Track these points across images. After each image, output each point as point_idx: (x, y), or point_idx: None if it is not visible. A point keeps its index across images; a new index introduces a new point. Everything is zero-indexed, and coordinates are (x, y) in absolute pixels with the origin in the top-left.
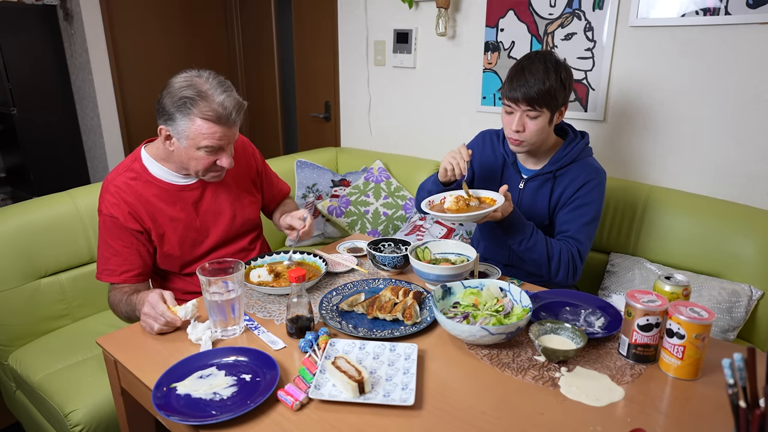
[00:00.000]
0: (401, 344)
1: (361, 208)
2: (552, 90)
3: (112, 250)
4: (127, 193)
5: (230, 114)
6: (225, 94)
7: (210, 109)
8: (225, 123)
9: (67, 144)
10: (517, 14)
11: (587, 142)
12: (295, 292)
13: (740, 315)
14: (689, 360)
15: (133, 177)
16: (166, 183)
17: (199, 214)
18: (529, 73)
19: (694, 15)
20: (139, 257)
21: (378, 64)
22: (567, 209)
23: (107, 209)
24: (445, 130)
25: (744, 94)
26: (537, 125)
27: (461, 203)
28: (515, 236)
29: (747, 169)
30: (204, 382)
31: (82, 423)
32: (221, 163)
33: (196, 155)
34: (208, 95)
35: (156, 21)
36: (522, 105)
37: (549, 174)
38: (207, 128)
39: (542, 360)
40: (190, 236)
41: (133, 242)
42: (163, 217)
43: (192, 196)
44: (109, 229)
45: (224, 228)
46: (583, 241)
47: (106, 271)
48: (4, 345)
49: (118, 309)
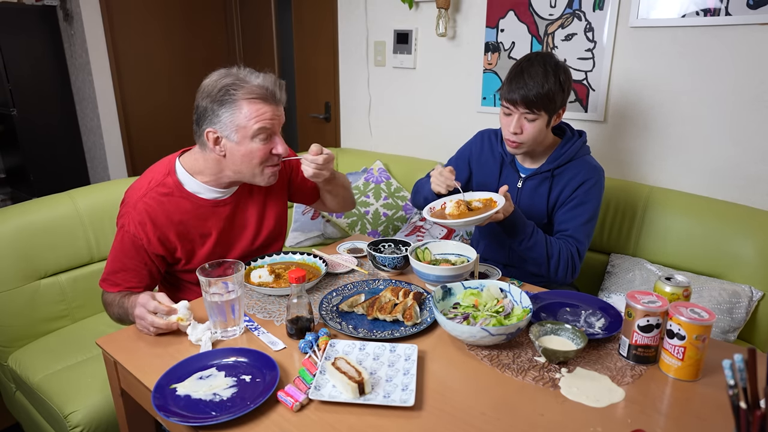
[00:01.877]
0: (401, 345)
1: (361, 208)
2: (550, 93)
3: (122, 264)
4: (157, 212)
5: (274, 91)
6: (262, 76)
7: (252, 90)
8: (272, 101)
9: (67, 145)
10: (517, 15)
11: (585, 141)
12: (295, 293)
13: (740, 316)
14: (690, 361)
15: (166, 193)
16: (201, 199)
17: (229, 228)
18: (528, 76)
19: (695, 15)
20: (149, 276)
21: (378, 64)
22: (565, 208)
23: (133, 228)
24: (445, 131)
25: (744, 94)
26: (534, 128)
27: (462, 207)
28: (516, 236)
29: (747, 170)
30: (204, 383)
31: (82, 424)
32: (276, 151)
33: (251, 148)
34: (246, 79)
35: (156, 22)
36: (520, 107)
37: (547, 173)
38: (256, 109)
39: (542, 361)
40: (218, 251)
41: (147, 263)
42: (194, 234)
43: (225, 211)
44: (126, 247)
45: (249, 240)
46: (582, 240)
47: (110, 281)
48: (4, 346)
49: (111, 309)
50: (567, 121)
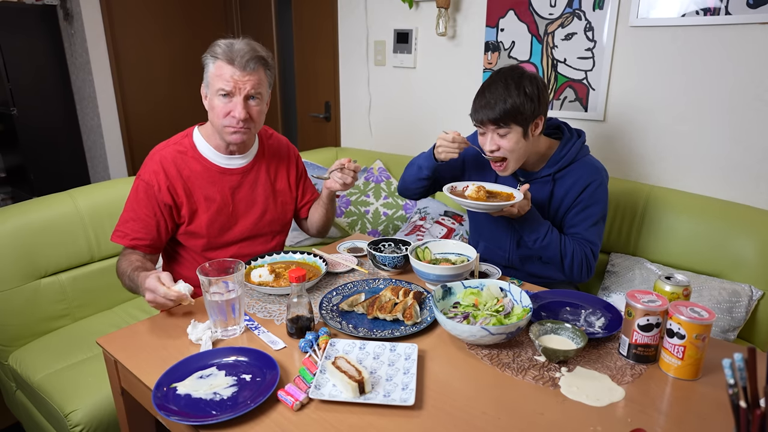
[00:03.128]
0: (401, 344)
1: (362, 208)
2: (515, 106)
3: (134, 214)
4: (170, 164)
5: (240, 55)
6: (242, 41)
7: (222, 51)
8: (233, 63)
9: (67, 144)
10: (517, 14)
11: (584, 141)
12: (295, 292)
13: (740, 315)
14: (689, 360)
15: (181, 150)
16: (210, 162)
17: (234, 201)
18: (490, 94)
19: (695, 15)
20: (156, 230)
21: (378, 64)
22: (573, 212)
23: (146, 175)
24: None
25: (744, 94)
26: (510, 142)
27: (482, 193)
28: (531, 234)
29: (747, 169)
30: (204, 382)
31: (82, 423)
32: (234, 113)
33: (214, 103)
34: (227, 42)
35: (156, 21)
36: (489, 125)
37: (548, 177)
38: (219, 68)
39: (542, 360)
40: (220, 220)
41: (157, 213)
42: (199, 194)
43: (231, 180)
44: (139, 195)
45: (254, 220)
46: (594, 241)
47: (120, 232)
48: (4, 345)
49: (123, 279)
50: (567, 120)
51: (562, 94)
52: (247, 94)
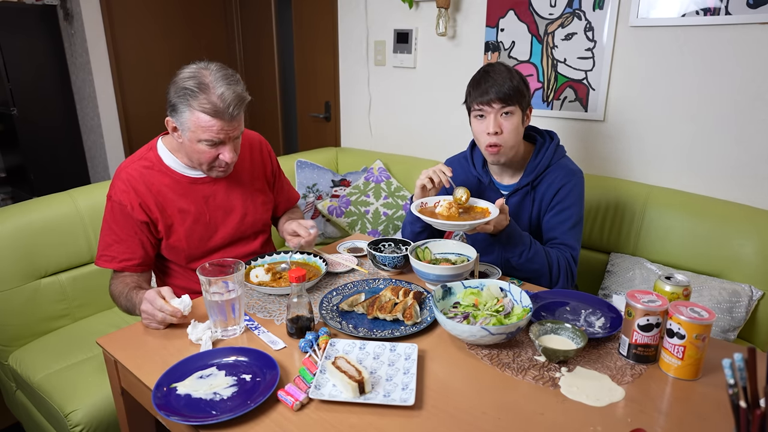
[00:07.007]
0: (401, 344)
1: (362, 208)
2: (520, 87)
3: (116, 236)
4: (138, 182)
5: (228, 107)
6: (226, 87)
7: (208, 102)
8: (223, 116)
9: (67, 144)
10: (517, 14)
11: (558, 143)
12: (295, 292)
13: (740, 315)
14: (689, 360)
15: (147, 166)
16: (178, 174)
17: (209, 209)
18: (495, 74)
19: (695, 15)
20: (141, 247)
21: (378, 64)
22: (550, 215)
23: (117, 195)
24: (445, 130)
25: (744, 94)
26: (512, 124)
27: (453, 210)
28: (514, 249)
29: (747, 169)
30: (204, 382)
31: (83, 423)
32: (223, 157)
33: (198, 148)
34: (208, 87)
35: (156, 21)
36: (495, 104)
37: (527, 186)
38: (205, 121)
39: (542, 360)
40: (198, 230)
41: (137, 232)
42: (172, 208)
43: (203, 189)
44: (115, 215)
45: (234, 225)
46: (573, 246)
47: (105, 257)
48: (4, 345)
49: (119, 302)
50: (567, 120)
51: (562, 94)
52: (234, 136)
